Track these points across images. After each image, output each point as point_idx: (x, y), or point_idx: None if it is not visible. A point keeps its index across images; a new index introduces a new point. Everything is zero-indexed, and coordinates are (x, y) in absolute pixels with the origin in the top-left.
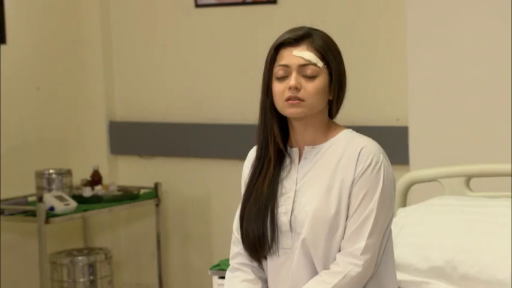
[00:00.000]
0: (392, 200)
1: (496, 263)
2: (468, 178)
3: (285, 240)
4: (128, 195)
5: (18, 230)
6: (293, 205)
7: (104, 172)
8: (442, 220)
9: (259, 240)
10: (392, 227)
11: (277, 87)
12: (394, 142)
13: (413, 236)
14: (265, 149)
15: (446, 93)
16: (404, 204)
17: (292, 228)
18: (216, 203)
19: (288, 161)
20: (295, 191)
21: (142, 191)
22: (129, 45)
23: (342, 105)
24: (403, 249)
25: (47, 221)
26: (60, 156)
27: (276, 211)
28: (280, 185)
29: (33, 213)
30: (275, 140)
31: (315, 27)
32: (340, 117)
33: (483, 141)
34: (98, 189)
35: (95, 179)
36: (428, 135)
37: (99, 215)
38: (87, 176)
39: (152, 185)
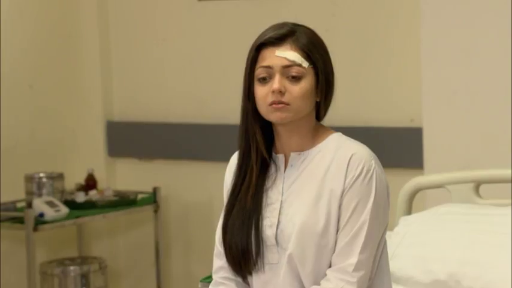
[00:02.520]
0: (386, 210)
1: (502, 277)
2: (477, 184)
3: (270, 255)
4: (125, 201)
5: (8, 237)
6: (279, 217)
7: (100, 176)
8: (447, 230)
9: (244, 255)
10: (393, 236)
11: (260, 90)
12: (408, 144)
13: (414, 247)
14: (248, 156)
15: (462, 93)
16: (409, 211)
17: (278, 243)
18: (219, 209)
19: (273, 168)
20: (281, 201)
21: (140, 196)
22: (128, 40)
23: (353, 105)
24: (404, 260)
25: (35, 228)
26: (54, 159)
27: (260, 224)
28: (265, 195)
29: (21, 220)
30: (258, 147)
31: (325, 21)
32: (352, 118)
33: (503, 143)
34: (92, 194)
35: (89, 183)
36: (444, 137)
37: (93, 222)
38: (83, 180)
39: (151, 190)
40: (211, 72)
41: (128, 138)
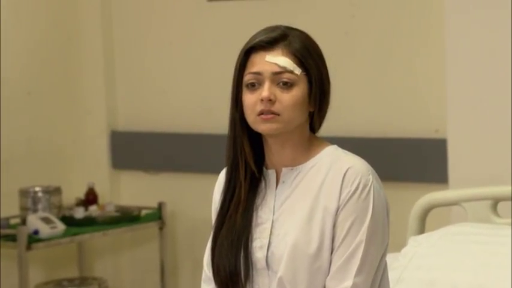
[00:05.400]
0: (385, 229)
1: None
2: (495, 202)
3: (261, 279)
4: (127, 217)
5: (3, 256)
6: (270, 238)
7: (104, 190)
8: (458, 252)
9: (232, 278)
10: (401, 257)
11: (248, 98)
12: (432, 157)
13: (422, 270)
14: (236, 170)
15: (490, 101)
16: (422, 231)
17: (269, 266)
18: None
19: (263, 185)
20: (273, 221)
21: (144, 212)
22: (133, 45)
23: (373, 114)
24: (410, 284)
25: (29, 247)
26: (53, 172)
27: (250, 245)
28: (255, 214)
29: (14, 238)
30: (246, 160)
31: (344, 23)
32: (371, 128)
33: None
34: (93, 209)
35: (90, 197)
36: (471, 149)
37: (93, 240)
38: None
39: (155, 205)
40: (222, 78)
41: (133, 150)
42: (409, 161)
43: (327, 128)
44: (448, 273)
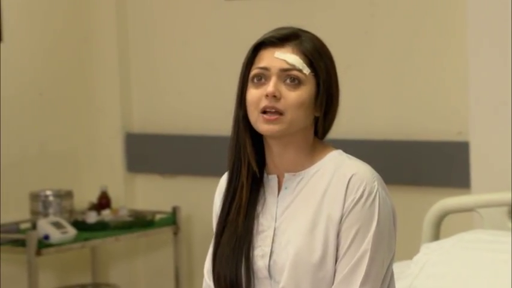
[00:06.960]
0: (392, 237)
1: None
2: (511, 208)
3: None
4: (140, 222)
5: (12, 261)
6: (272, 246)
7: (118, 194)
8: (471, 259)
9: None
10: (412, 265)
11: (252, 94)
12: (454, 160)
13: (434, 279)
14: (237, 171)
15: None
16: (436, 237)
17: (271, 275)
18: None
19: (265, 191)
20: (275, 228)
21: (158, 217)
22: (148, 45)
23: (393, 116)
24: None
25: (39, 252)
26: (65, 175)
27: (251, 254)
28: (256, 221)
29: (23, 243)
30: (248, 161)
31: (364, 23)
32: (391, 130)
33: None
34: (105, 214)
35: (103, 201)
36: (494, 152)
37: (106, 246)
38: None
39: (170, 209)
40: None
41: (148, 152)
42: (430, 164)
43: (345, 130)
44: (461, 282)
